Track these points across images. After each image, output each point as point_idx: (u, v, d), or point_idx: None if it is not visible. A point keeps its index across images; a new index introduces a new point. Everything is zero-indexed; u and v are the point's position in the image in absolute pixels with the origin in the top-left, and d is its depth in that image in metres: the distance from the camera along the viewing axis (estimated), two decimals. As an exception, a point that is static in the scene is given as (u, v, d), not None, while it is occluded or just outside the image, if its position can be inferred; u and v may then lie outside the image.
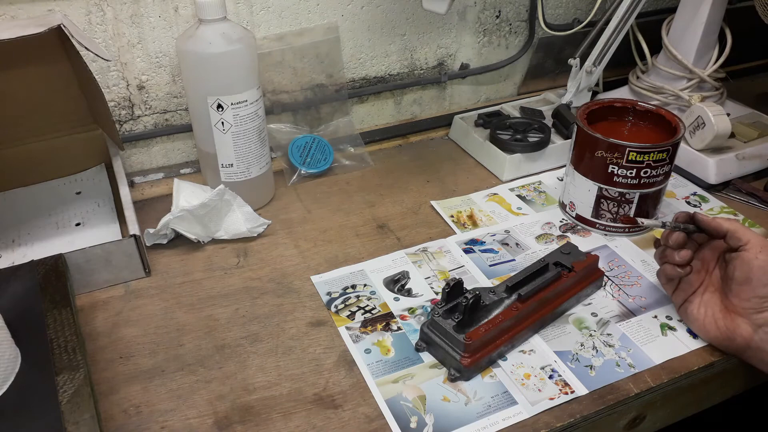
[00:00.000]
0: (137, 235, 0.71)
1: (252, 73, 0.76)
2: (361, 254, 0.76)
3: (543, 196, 0.87)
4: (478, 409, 0.58)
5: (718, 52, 0.94)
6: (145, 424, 0.57)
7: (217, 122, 0.76)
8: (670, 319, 0.67)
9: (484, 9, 1.01)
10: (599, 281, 0.71)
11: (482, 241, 0.78)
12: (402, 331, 0.66)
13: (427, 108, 1.06)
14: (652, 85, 0.96)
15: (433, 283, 0.72)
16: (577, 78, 0.96)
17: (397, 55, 0.99)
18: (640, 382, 0.60)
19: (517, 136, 0.91)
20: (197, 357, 0.63)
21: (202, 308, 0.69)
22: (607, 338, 0.65)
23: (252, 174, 0.81)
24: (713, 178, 0.87)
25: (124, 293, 0.71)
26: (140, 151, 0.90)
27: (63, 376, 0.54)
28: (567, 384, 0.60)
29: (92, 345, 0.64)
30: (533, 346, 0.64)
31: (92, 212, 0.82)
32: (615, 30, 0.91)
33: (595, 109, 0.79)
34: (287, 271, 0.74)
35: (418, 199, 0.86)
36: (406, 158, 0.97)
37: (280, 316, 0.68)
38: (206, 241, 0.78)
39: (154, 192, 0.88)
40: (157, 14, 0.82)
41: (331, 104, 0.96)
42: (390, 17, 0.95)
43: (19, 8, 0.75)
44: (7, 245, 0.76)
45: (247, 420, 0.57)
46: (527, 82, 1.11)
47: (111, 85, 0.84)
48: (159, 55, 0.84)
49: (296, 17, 0.89)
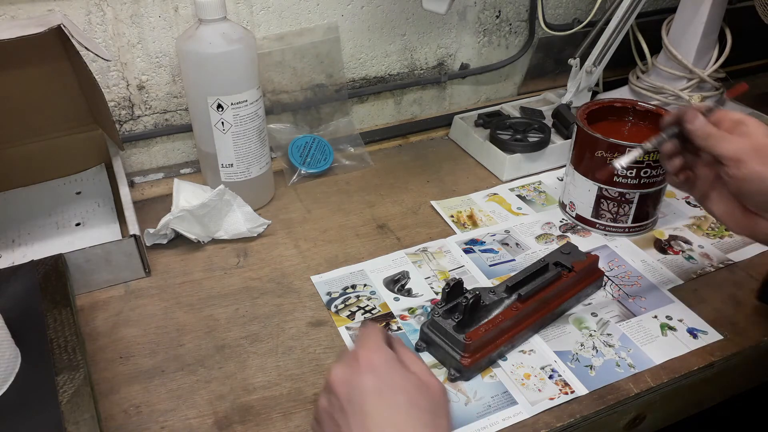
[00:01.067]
0: (137, 235, 0.71)
1: (252, 73, 0.76)
2: (361, 254, 0.76)
3: (543, 196, 0.87)
4: (478, 409, 0.58)
5: (718, 52, 0.94)
6: (145, 424, 0.57)
7: (217, 122, 0.76)
8: (670, 319, 0.67)
9: (484, 9, 1.01)
10: (599, 281, 0.71)
11: (482, 241, 0.78)
12: (402, 331, 0.66)
13: (427, 108, 1.06)
14: (652, 85, 0.96)
15: (433, 283, 0.72)
16: (577, 78, 0.96)
17: (397, 55, 0.99)
18: (640, 382, 0.60)
19: (517, 136, 0.91)
20: (197, 357, 0.63)
21: (202, 308, 0.69)
22: (607, 338, 0.65)
23: (252, 174, 0.81)
24: (713, 178, 0.87)
25: (124, 293, 0.71)
26: (140, 151, 0.90)
27: (63, 376, 0.54)
28: (567, 384, 0.60)
29: (92, 345, 0.64)
30: (533, 346, 0.64)
31: (92, 212, 0.82)
32: (615, 30, 0.91)
33: (595, 109, 0.79)
34: (287, 271, 0.74)
35: (418, 199, 0.86)
36: (406, 158, 0.97)
37: (280, 316, 0.68)
38: (206, 241, 0.78)
39: (154, 192, 0.88)
40: (157, 14, 0.82)
41: (331, 104, 0.96)
42: (390, 17, 0.95)
43: (19, 8, 0.75)
44: (7, 245, 0.76)
45: (247, 420, 0.57)
46: (527, 82, 1.11)
47: (111, 85, 0.84)
48: (159, 55, 0.84)
49: (296, 17, 0.89)
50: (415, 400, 0.45)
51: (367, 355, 0.47)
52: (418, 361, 0.49)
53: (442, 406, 0.47)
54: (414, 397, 0.45)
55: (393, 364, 0.47)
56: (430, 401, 0.46)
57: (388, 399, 0.44)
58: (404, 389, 0.45)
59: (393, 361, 0.47)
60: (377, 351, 0.47)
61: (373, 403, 0.44)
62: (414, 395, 0.45)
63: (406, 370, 0.47)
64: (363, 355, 0.47)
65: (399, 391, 0.45)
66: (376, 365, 0.46)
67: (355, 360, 0.47)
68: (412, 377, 0.47)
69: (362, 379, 0.45)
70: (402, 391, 0.45)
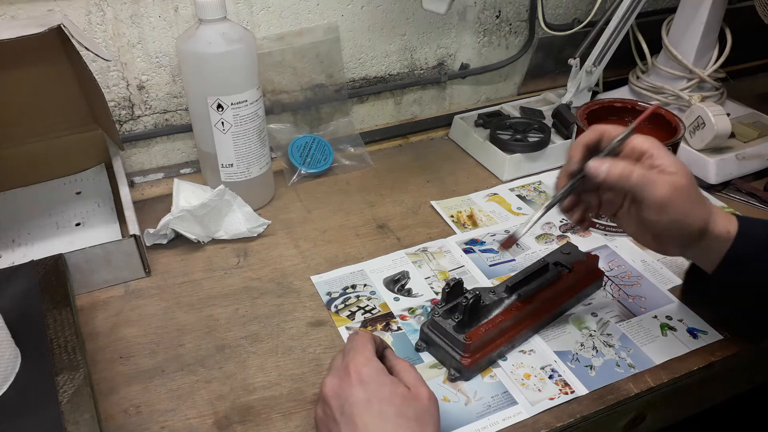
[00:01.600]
0: (137, 235, 0.71)
1: (252, 73, 0.76)
2: (361, 254, 0.76)
3: (543, 196, 0.87)
4: (478, 409, 0.58)
5: (718, 52, 0.94)
6: (145, 424, 0.57)
7: (217, 122, 0.76)
8: (670, 319, 0.67)
9: (484, 9, 1.01)
10: (599, 281, 0.71)
11: (482, 241, 0.78)
12: (402, 331, 0.66)
13: (427, 108, 1.06)
14: (652, 85, 0.96)
15: (433, 283, 0.72)
16: (577, 78, 0.96)
17: (397, 55, 0.99)
18: (640, 382, 0.60)
19: (517, 136, 0.91)
20: (197, 357, 0.63)
21: (202, 308, 0.69)
22: (607, 338, 0.65)
23: (252, 174, 0.81)
24: (713, 178, 0.87)
25: (124, 293, 0.71)
26: (140, 151, 0.90)
27: (63, 376, 0.54)
28: (567, 384, 0.60)
29: (92, 345, 0.64)
30: (533, 346, 0.64)
31: (92, 212, 0.82)
32: (615, 30, 0.91)
33: (595, 109, 0.79)
34: (287, 271, 0.74)
35: (418, 199, 0.86)
36: (406, 158, 0.97)
37: (280, 316, 0.68)
38: (206, 241, 0.78)
39: (154, 192, 0.88)
40: (157, 14, 0.82)
41: (331, 104, 0.96)
42: (390, 17, 0.95)
43: (19, 8, 0.75)
44: (7, 245, 0.76)
45: (248, 420, 0.57)
46: (527, 82, 1.11)
47: (111, 85, 0.84)
48: (159, 55, 0.84)
49: (296, 17, 0.89)
50: (402, 410, 0.48)
51: (357, 368, 0.50)
52: (410, 370, 0.52)
53: (431, 414, 0.50)
54: (401, 407, 0.48)
55: (382, 377, 0.50)
56: (417, 411, 0.49)
57: (376, 410, 0.48)
58: (391, 401, 0.48)
59: (382, 373, 0.50)
60: (367, 363, 0.50)
61: (363, 415, 0.47)
62: (401, 406, 0.48)
63: (395, 381, 0.50)
64: (353, 368, 0.50)
65: (387, 402, 0.48)
66: (366, 378, 0.49)
67: (346, 372, 0.50)
68: (399, 388, 0.50)
69: (353, 392, 0.49)
70: (389, 403, 0.48)
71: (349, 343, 0.54)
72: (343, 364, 0.51)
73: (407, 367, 0.53)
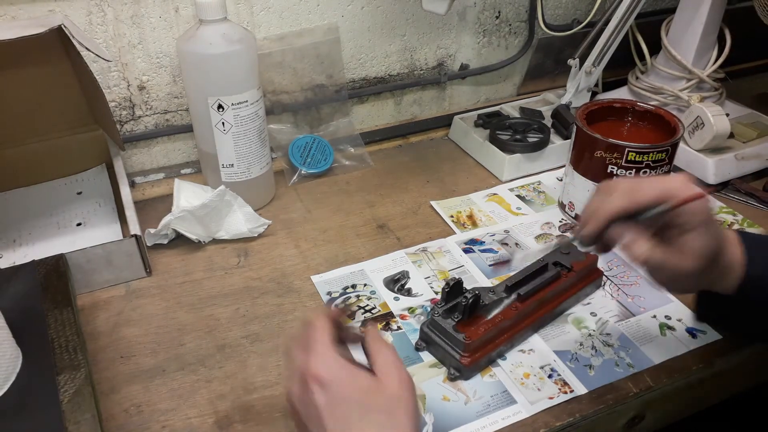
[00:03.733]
0: (138, 235, 0.71)
1: (252, 73, 0.77)
2: (361, 254, 0.77)
3: (542, 196, 0.87)
4: (478, 408, 0.58)
5: (717, 52, 0.94)
6: (146, 423, 0.57)
7: (217, 122, 0.76)
8: (669, 318, 0.67)
9: (483, 9, 1.01)
10: (598, 281, 0.71)
11: (482, 241, 0.78)
12: (402, 331, 0.66)
13: (427, 108, 1.07)
14: (652, 85, 0.97)
15: (433, 282, 0.72)
16: (577, 78, 0.97)
17: (397, 55, 0.99)
18: (639, 381, 0.60)
19: (517, 136, 0.92)
20: (198, 356, 0.64)
21: (202, 308, 0.69)
22: (606, 338, 0.65)
23: (252, 174, 0.81)
24: (712, 179, 0.87)
25: (125, 293, 0.71)
26: (141, 152, 0.90)
27: (64, 376, 0.54)
28: (566, 383, 0.60)
29: (93, 345, 0.64)
30: (532, 346, 0.64)
31: (93, 212, 0.82)
32: (614, 30, 0.91)
33: (594, 110, 0.80)
34: (287, 271, 0.74)
35: (418, 199, 0.87)
36: (406, 158, 0.97)
37: (280, 315, 0.68)
38: (207, 241, 0.78)
39: (155, 192, 0.88)
40: (158, 15, 0.82)
41: (331, 105, 0.96)
42: (390, 18, 0.96)
43: (20, 8, 0.75)
44: (8, 245, 0.76)
45: (248, 419, 0.57)
46: (527, 82, 1.11)
47: (112, 85, 0.84)
48: (159, 55, 0.85)
49: (296, 18, 0.90)
50: (367, 404, 0.46)
51: (314, 372, 0.46)
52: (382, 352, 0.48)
53: (402, 400, 0.46)
54: (365, 401, 0.46)
55: (341, 373, 0.46)
56: (385, 401, 0.46)
57: (341, 413, 0.45)
58: (353, 398, 0.46)
59: (340, 367, 0.47)
60: (323, 362, 0.47)
61: (328, 420, 0.45)
62: (365, 399, 0.46)
63: (356, 373, 0.47)
64: (310, 372, 0.46)
65: (349, 401, 0.45)
66: (324, 380, 0.46)
67: (303, 378, 0.47)
68: (361, 380, 0.47)
69: (313, 398, 0.46)
70: (352, 401, 0.45)
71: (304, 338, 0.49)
72: (300, 368, 0.48)
73: (380, 348, 0.49)
